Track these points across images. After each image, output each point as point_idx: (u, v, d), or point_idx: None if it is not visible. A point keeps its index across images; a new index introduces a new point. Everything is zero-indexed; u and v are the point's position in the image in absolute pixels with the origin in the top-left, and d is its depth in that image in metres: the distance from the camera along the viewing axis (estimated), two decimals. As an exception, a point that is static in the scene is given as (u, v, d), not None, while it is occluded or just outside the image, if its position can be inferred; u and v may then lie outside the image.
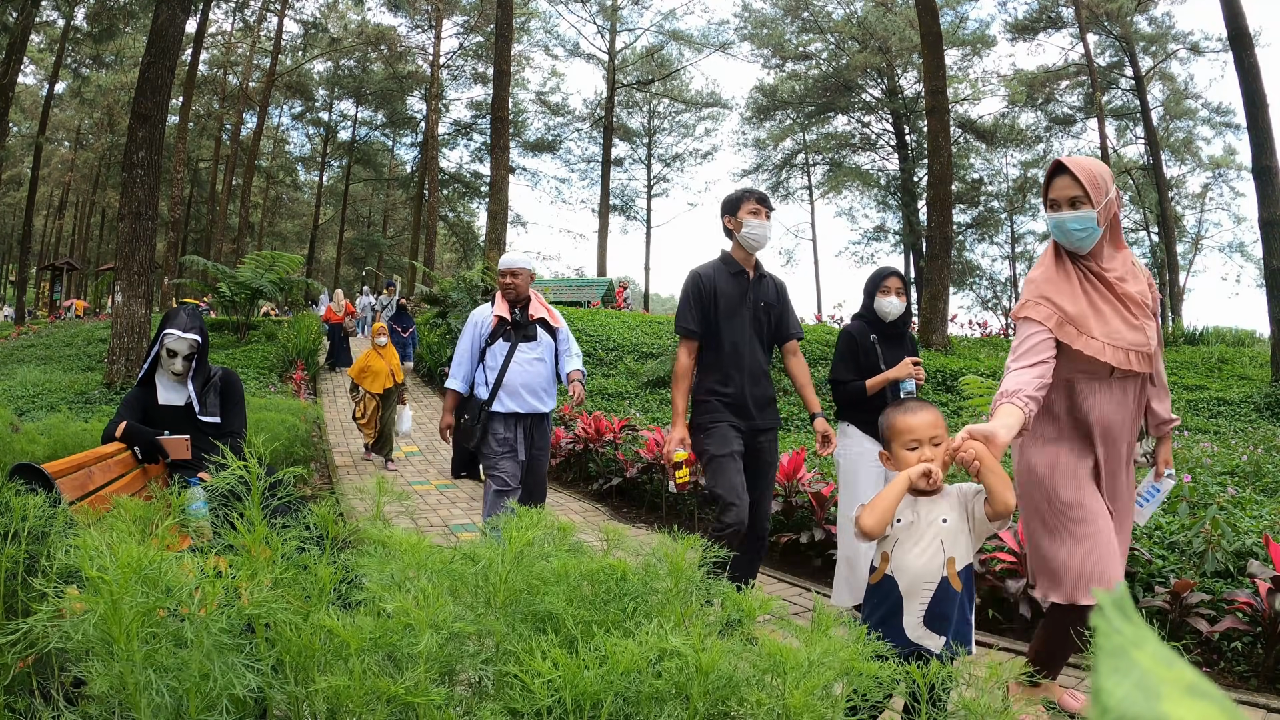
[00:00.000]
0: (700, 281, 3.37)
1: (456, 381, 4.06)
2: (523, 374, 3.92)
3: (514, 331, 3.97)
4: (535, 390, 3.96)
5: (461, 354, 4.05)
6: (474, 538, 1.52)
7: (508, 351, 3.93)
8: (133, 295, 9.92)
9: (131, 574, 1.00)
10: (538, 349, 3.99)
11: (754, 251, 3.41)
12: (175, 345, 3.33)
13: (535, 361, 3.97)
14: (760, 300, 3.41)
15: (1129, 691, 0.23)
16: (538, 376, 3.97)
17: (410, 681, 1.02)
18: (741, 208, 3.36)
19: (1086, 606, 2.19)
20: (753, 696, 1.04)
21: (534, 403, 3.95)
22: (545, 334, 4.05)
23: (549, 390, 4.05)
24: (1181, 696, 0.23)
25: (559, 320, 4.16)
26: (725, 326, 3.34)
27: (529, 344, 3.97)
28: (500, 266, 4.04)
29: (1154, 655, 0.25)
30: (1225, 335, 15.86)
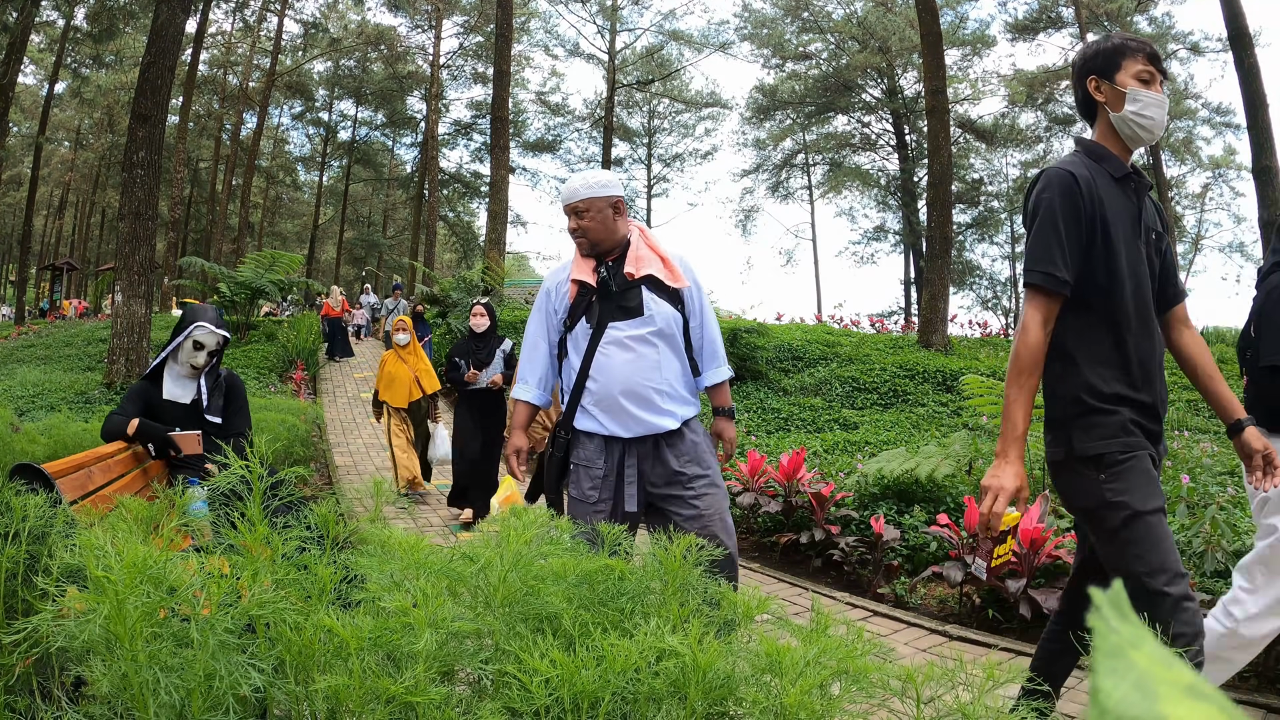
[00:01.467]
0: (1076, 190, 1.85)
1: (527, 388, 2.66)
2: (621, 370, 2.44)
3: (602, 304, 2.50)
4: (645, 395, 2.43)
5: (530, 344, 2.66)
6: (473, 538, 1.52)
7: (591, 337, 2.49)
8: (133, 295, 9.92)
9: (136, 574, 1.01)
10: (647, 326, 2.48)
11: (1143, 144, 1.94)
12: (205, 339, 3.34)
13: (641, 345, 2.46)
14: (1151, 230, 1.98)
15: (1127, 692, 0.23)
16: (648, 371, 2.45)
17: (410, 681, 1.02)
18: (1124, 66, 1.90)
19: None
20: (750, 695, 1.04)
21: (646, 416, 2.43)
22: (659, 301, 2.49)
23: (674, 393, 2.49)
24: (1180, 697, 0.23)
25: (681, 276, 2.55)
26: (1122, 273, 1.86)
27: (629, 321, 2.47)
28: (563, 202, 2.56)
29: (1152, 655, 0.25)
30: (1225, 335, 15.84)
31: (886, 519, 4.46)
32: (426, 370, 6.40)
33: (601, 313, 2.50)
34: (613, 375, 2.46)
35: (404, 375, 6.26)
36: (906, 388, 10.64)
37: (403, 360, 6.31)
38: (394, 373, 6.27)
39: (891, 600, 4.02)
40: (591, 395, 2.49)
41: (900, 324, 23.64)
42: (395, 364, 6.31)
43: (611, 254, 2.55)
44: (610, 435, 2.47)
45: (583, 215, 2.51)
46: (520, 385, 2.69)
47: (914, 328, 17.72)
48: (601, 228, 2.51)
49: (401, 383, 6.24)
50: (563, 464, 2.57)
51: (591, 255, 2.55)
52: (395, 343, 6.41)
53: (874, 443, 7.77)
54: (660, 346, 2.49)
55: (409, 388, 6.25)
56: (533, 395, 2.68)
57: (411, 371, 6.29)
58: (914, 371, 11.05)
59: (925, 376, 10.89)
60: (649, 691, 1.04)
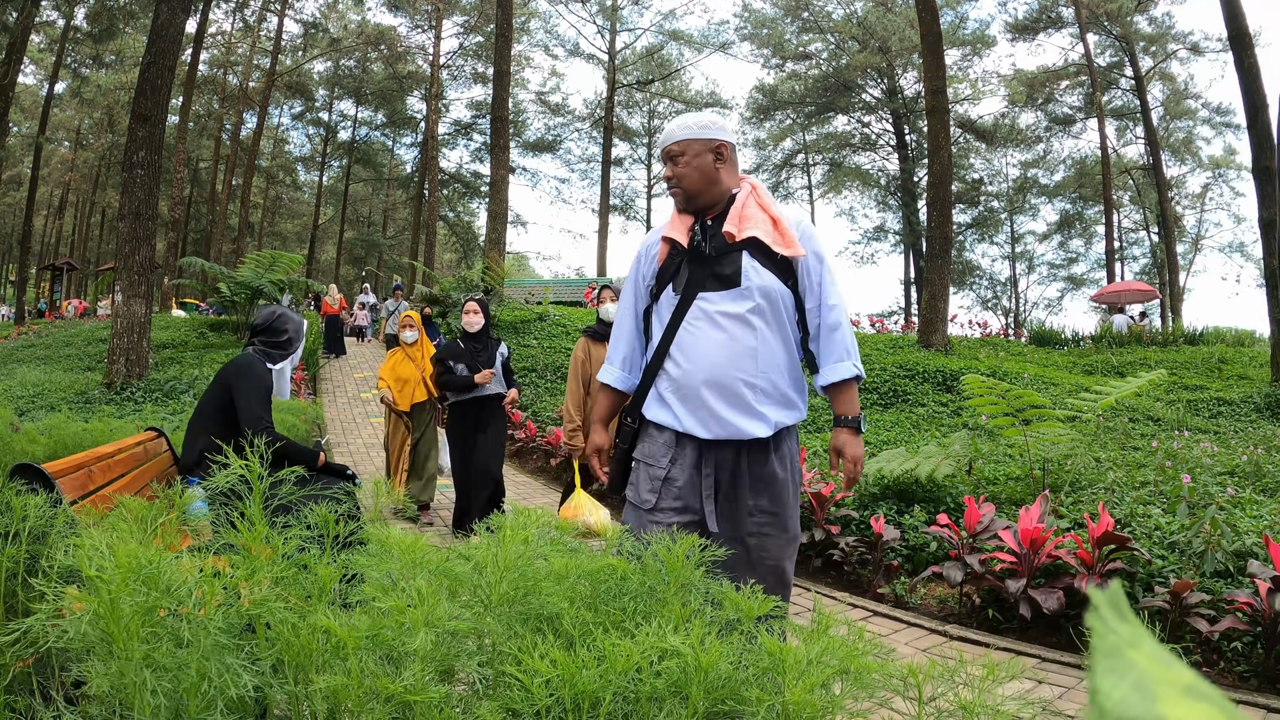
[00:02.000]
0: None
1: (611, 369, 2.23)
2: (708, 353, 1.99)
3: (693, 269, 2.06)
4: (734, 389, 1.97)
5: (619, 318, 2.24)
6: (473, 538, 1.52)
7: (676, 307, 2.05)
8: (133, 295, 9.92)
9: (130, 573, 1.01)
10: (744, 302, 1.99)
11: None
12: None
13: (735, 324, 1.99)
14: None
15: (1126, 692, 0.23)
16: (741, 358, 1.98)
17: (408, 680, 1.02)
18: None
19: None
20: (752, 694, 1.04)
21: (731, 416, 1.97)
22: (762, 272, 2.01)
23: (773, 390, 2.00)
24: (1179, 697, 0.23)
25: (795, 242, 2.02)
26: None
27: (723, 293, 2.01)
28: (660, 147, 2.17)
29: (1151, 655, 0.25)
30: (1225, 335, 15.85)
31: (886, 519, 4.46)
32: (429, 370, 5.86)
33: (691, 279, 2.05)
34: (697, 357, 2.00)
35: (411, 375, 5.77)
36: (906, 388, 10.64)
37: (410, 359, 5.82)
38: (401, 373, 5.79)
39: (891, 600, 4.01)
40: (669, 379, 2.05)
41: (900, 324, 23.65)
42: (403, 363, 5.83)
43: (713, 210, 2.10)
44: (684, 432, 2.02)
45: (677, 160, 2.09)
46: (605, 367, 2.25)
47: (914, 328, 17.73)
48: (699, 176, 2.07)
49: (409, 384, 5.76)
50: (627, 458, 2.14)
51: (689, 210, 2.12)
52: (403, 340, 5.88)
53: (874, 443, 7.77)
54: (760, 329, 1.99)
55: (415, 389, 5.77)
56: (617, 378, 2.21)
57: (419, 371, 5.80)
58: (914, 371, 11.06)
59: (925, 376, 10.89)
60: (650, 691, 1.04)
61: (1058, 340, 16.96)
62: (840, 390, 2.06)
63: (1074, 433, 5.10)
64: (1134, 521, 3.92)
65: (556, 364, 12.47)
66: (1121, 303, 20.04)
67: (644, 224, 37.95)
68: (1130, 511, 4.09)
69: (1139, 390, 7.88)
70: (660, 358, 2.08)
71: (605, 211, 34.48)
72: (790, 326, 2.06)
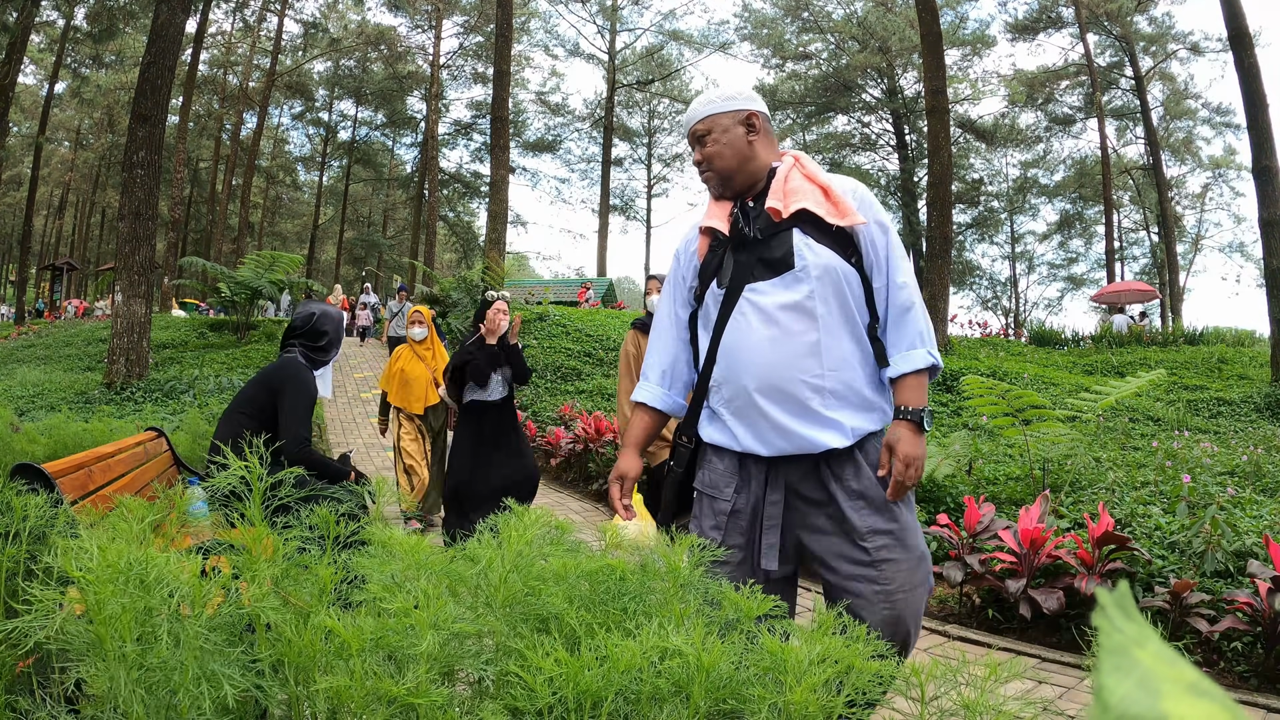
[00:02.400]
0: None
1: (647, 385, 1.94)
2: (757, 353, 1.70)
3: (738, 257, 1.77)
4: (795, 393, 1.67)
5: (655, 327, 1.96)
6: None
7: (722, 304, 1.76)
8: (133, 295, 9.92)
9: (116, 574, 1.01)
10: (799, 287, 1.69)
11: None
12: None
13: (790, 315, 1.68)
14: None
15: (1130, 690, 0.23)
16: (800, 356, 1.67)
17: (411, 682, 1.02)
18: None
19: None
20: (754, 693, 1.04)
21: (795, 426, 1.66)
22: (816, 248, 1.70)
23: (844, 391, 1.69)
24: (1183, 695, 0.23)
25: (853, 210, 1.72)
26: None
27: (774, 280, 1.71)
28: (684, 132, 1.90)
29: (1156, 654, 0.25)
30: (1225, 335, 15.86)
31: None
32: (439, 371, 5.30)
33: (737, 270, 1.75)
34: (747, 360, 1.69)
35: (421, 376, 5.22)
36: (906, 388, 10.62)
37: (419, 358, 5.27)
38: (411, 372, 5.22)
39: (892, 600, 4.01)
40: (719, 390, 1.76)
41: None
42: (411, 363, 5.25)
43: (753, 190, 1.81)
44: (745, 451, 1.71)
45: (705, 141, 1.80)
46: (640, 384, 1.94)
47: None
48: (731, 153, 1.78)
49: (419, 384, 5.21)
50: (683, 485, 1.85)
51: (726, 195, 1.83)
52: (410, 338, 5.35)
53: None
54: (821, 317, 1.66)
55: (427, 390, 5.22)
56: (654, 396, 1.91)
57: (430, 371, 5.25)
58: (914, 371, 11.03)
59: (925, 376, 10.85)
60: (652, 691, 1.04)
61: (1058, 340, 16.96)
62: (908, 382, 1.71)
63: (1074, 433, 5.10)
64: (1134, 521, 3.92)
65: (556, 364, 12.47)
66: (1121, 303, 20.06)
67: (644, 224, 37.98)
68: (1130, 511, 4.09)
69: (1139, 390, 7.88)
70: (710, 366, 1.78)
71: (605, 211, 34.50)
72: (860, 311, 1.72)
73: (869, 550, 1.64)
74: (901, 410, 1.70)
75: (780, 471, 1.71)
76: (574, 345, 13.48)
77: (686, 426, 1.86)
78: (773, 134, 1.88)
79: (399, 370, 5.27)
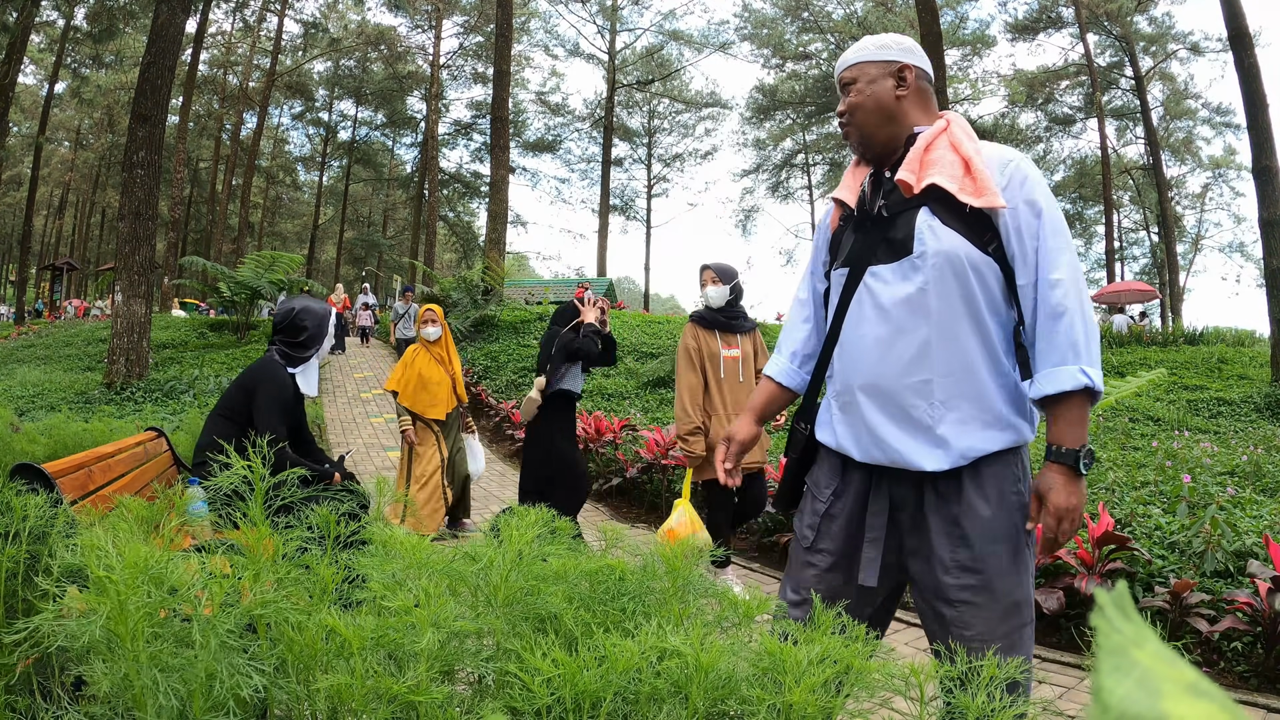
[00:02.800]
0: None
1: (778, 359, 1.82)
2: (865, 348, 1.56)
3: (860, 235, 1.60)
4: (899, 398, 1.51)
5: (793, 303, 1.86)
6: (474, 538, 1.53)
7: (844, 288, 1.61)
8: (133, 295, 9.93)
9: (138, 574, 1.01)
10: (914, 277, 1.50)
11: None
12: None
13: (902, 309, 1.51)
14: None
15: (1130, 690, 0.23)
16: (909, 356, 1.50)
17: (412, 680, 1.02)
18: None
19: None
20: (753, 694, 1.04)
21: (891, 436, 1.51)
22: (943, 232, 1.48)
23: (968, 402, 1.47)
24: (1182, 695, 0.23)
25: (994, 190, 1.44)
26: None
27: (893, 265, 1.53)
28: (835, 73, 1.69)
29: (1155, 654, 0.25)
30: (1225, 335, 15.87)
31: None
32: (460, 374, 5.04)
33: (857, 250, 1.58)
34: (855, 353, 1.56)
35: (441, 380, 4.85)
36: (906, 388, 10.62)
37: (438, 361, 4.92)
38: (429, 376, 4.85)
39: (892, 600, 4.02)
40: (832, 382, 1.64)
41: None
42: (429, 365, 4.88)
43: (894, 156, 1.60)
44: (842, 453, 1.60)
45: (849, 90, 1.62)
46: (773, 356, 1.86)
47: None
48: (874, 106, 1.58)
49: (440, 388, 4.84)
50: (798, 473, 1.73)
51: (867, 157, 1.64)
52: (423, 337, 4.98)
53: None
54: (936, 313, 1.46)
55: (448, 396, 4.89)
56: (781, 370, 1.80)
57: (449, 375, 4.92)
58: (914, 371, 11.03)
59: None
60: (651, 691, 1.04)
61: (1058, 340, 16.92)
62: (1060, 406, 1.41)
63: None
64: (1134, 521, 3.92)
65: (556, 364, 12.46)
66: (1121, 303, 20.06)
67: (644, 224, 37.96)
68: (1130, 511, 4.09)
69: (1139, 390, 7.87)
70: (828, 353, 1.64)
71: (605, 211, 34.50)
72: (993, 310, 1.48)
73: (948, 587, 1.46)
74: (1053, 450, 1.41)
75: (884, 481, 1.55)
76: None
77: (803, 412, 1.72)
78: (930, 95, 1.62)
79: (416, 373, 4.86)
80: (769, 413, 1.83)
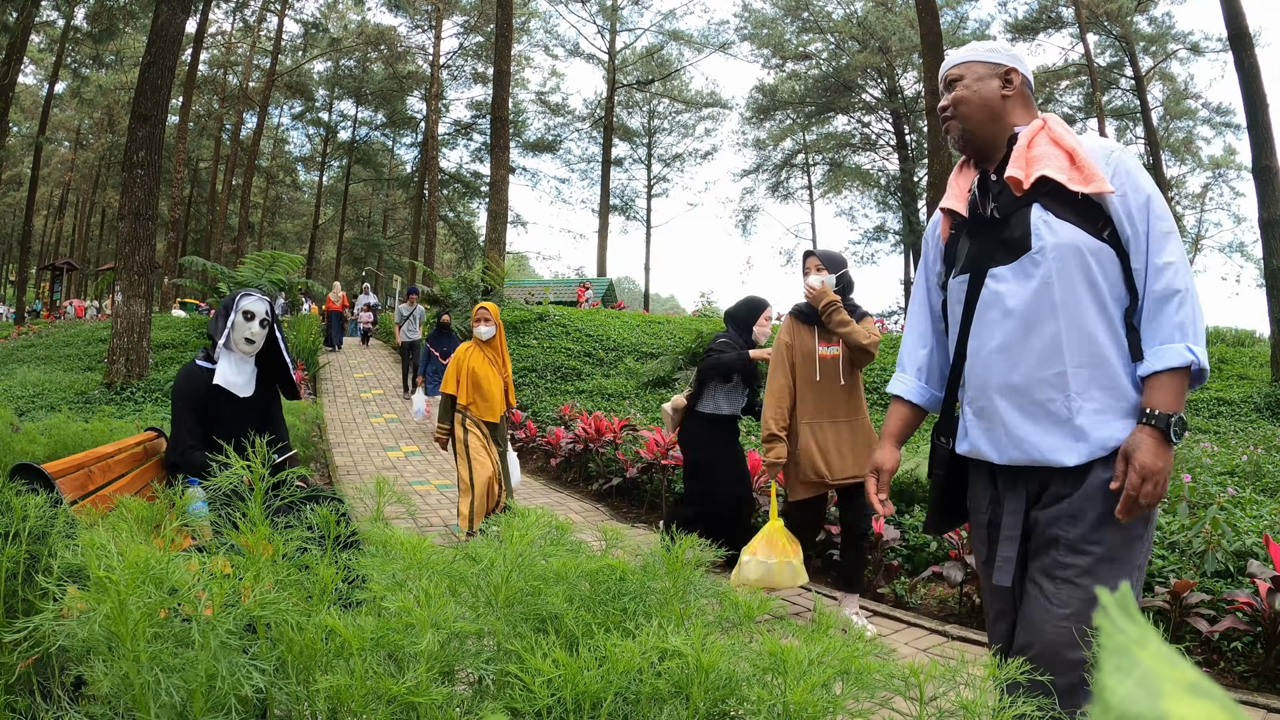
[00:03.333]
0: None
1: (903, 377, 1.85)
2: (997, 347, 1.57)
3: (975, 240, 1.63)
4: (1036, 394, 1.52)
5: (911, 317, 1.88)
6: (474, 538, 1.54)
7: (966, 295, 1.63)
8: (133, 295, 9.93)
9: (138, 574, 1.01)
10: (1033, 272, 1.52)
11: None
12: (253, 306, 3.06)
13: (1028, 307, 1.52)
14: None
15: (1131, 690, 0.23)
16: (1040, 353, 1.51)
17: (412, 681, 1.02)
18: None
19: None
20: (754, 694, 1.04)
21: (1028, 432, 1.52)
22: (1057, 225, 1.51)
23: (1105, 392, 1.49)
24: (1183, 695, 0.23)
25: (1096, 174, 1.48)
26: None
27: (1013, 265, 1.55)
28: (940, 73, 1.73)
29: (1156, 654, 0.25)
30: (1225, 335, 15.88)
31: (886, 519, 4.46)
32: (510, 377, 4.98)
33: (975, 254, 1.61)
34: (986, 356, 1.58)
35: (496, 380, 4.80)
36: (906, 388, 10.63)
37: (490, 362, 4.83)
38: (480, 374, 4.76)
39: (891, 600, 4.02)
40: (965, 388, 1.66)
41: (900, 324, 23.66)
42: (482, 365, 4.78)
43: (995, 156, 1.64)
44: (979, 456, 1.63)
45: (954, 86, 1.67)
46: (896, 374, 1.86)
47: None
48: (979, 103, 1.62)
49: (495, 388, 4.79)
50: (945, 489, 1.74)
51: (967, 153, 1.69)
52: (477, 336, 4.85)
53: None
54: (1061, 305, 1.48)
55: (501, 398, 4.84)
56: (909, 388, 1.81)
57: (502, 378, 4.85)
58: (914, 371, 11.03)
59: (925, 376, 10.82)
60: (651, 692, 1.04)
61: (1058, 340, 16.95)
62: (1159, 378, 1.45)
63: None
64: (1134, 521, 3.92)
65: (556, 364, 12.48)
66: (1121, 303, 20.03)
67: (644, 224, 37.96)
68: (1130, 511, 4.08)
69: (1139, 390, 7.83)
70: (958, 362, 1.66)
71: (605, 211, 34.51)
72: (1116, 296, 1.50)
73: (1055, 561, 1.48)
74: (1146, 414, 1.43)
75: (1019, 483, 1.57)
76: (574, 345, 13.49)
77: (942, 426, 1.74)
78: (1032, 102, 1.67)
79: (470, 369, 4.73)
80: (905, 435, 1.85)
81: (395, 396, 11.89)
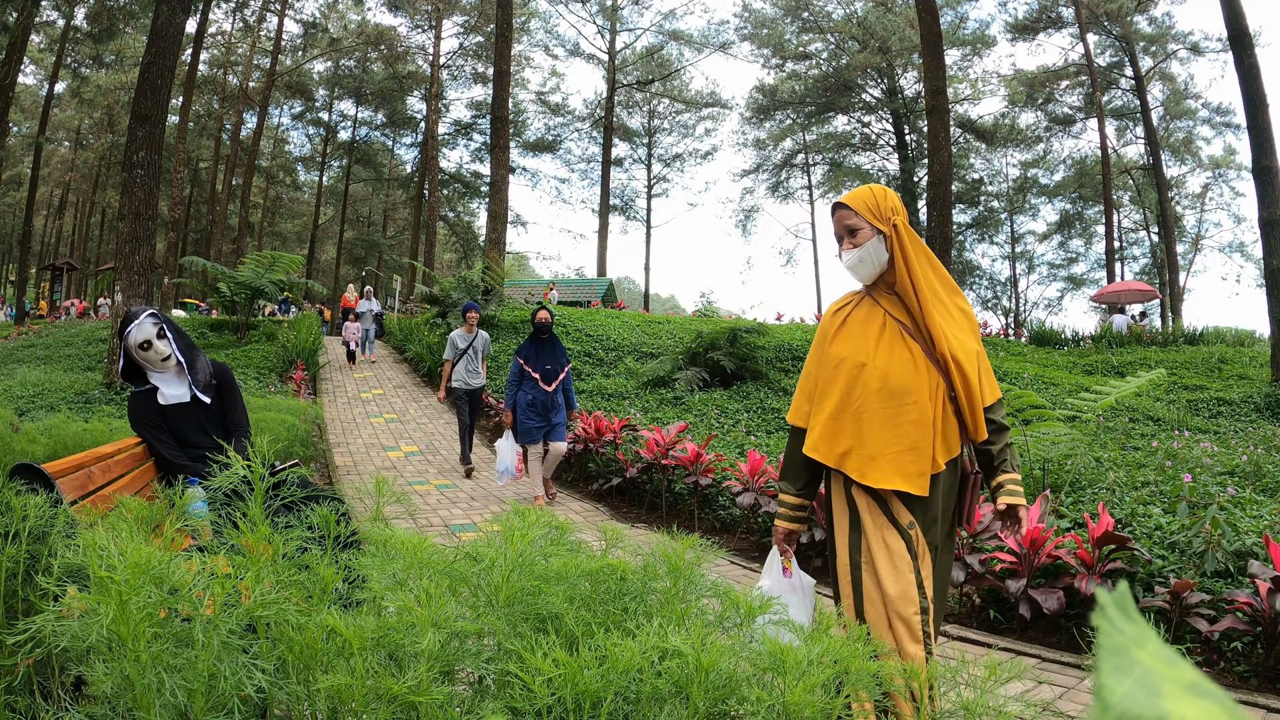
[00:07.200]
0: None
1: None
2: None
3: None
4: None
5: None
6: (474, 538, 1.52)
7: None
8: (133, 295, 9.92)
9: (140, 574, 1.01)
10: None
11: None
12: (140, 333, 3.09)
13: None
14: None
15: (1131, 689, 0.23)
16: None
17: (412, 681, 1.02)
18: None
19: None
20: (753, 694, 1.04)
21: None
22: None
23: None
24: (1183, 694, 0.23)
25: None
26: None
27: None
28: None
29: (1155, 654, 0.25)
30: (1225, 335, 15.87)
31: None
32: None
33: None
34: None
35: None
36: (906, 388, 10.61)
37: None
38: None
39: (892, 600, 4.01)
40: None
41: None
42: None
43: None
44: None
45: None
46: None
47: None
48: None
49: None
50: None
51: None
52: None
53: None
54: None
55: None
56: None
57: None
58: (914, 371, 11.02)
59: (925, 376, 10.81)
60: (651, 691, 1.04)
61: (1058, 340, 16.96)
62: None
63: (1074, 433, 5.10)
64: (1134, 521, 3.92)
65: (556, 364, 12.45)
66: (1121, 303, 20.05)
67: (644, 224, 37.94)
68: (1130, 511, 4.09)
69: (1139, 390, 7.87)
70: None
71: (605, 211, 34.48)
72: None
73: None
74: None
75: None
76: (574, 345, 13.48)
77: None
78: None
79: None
80: None
81: (395, 396, 11.88)
